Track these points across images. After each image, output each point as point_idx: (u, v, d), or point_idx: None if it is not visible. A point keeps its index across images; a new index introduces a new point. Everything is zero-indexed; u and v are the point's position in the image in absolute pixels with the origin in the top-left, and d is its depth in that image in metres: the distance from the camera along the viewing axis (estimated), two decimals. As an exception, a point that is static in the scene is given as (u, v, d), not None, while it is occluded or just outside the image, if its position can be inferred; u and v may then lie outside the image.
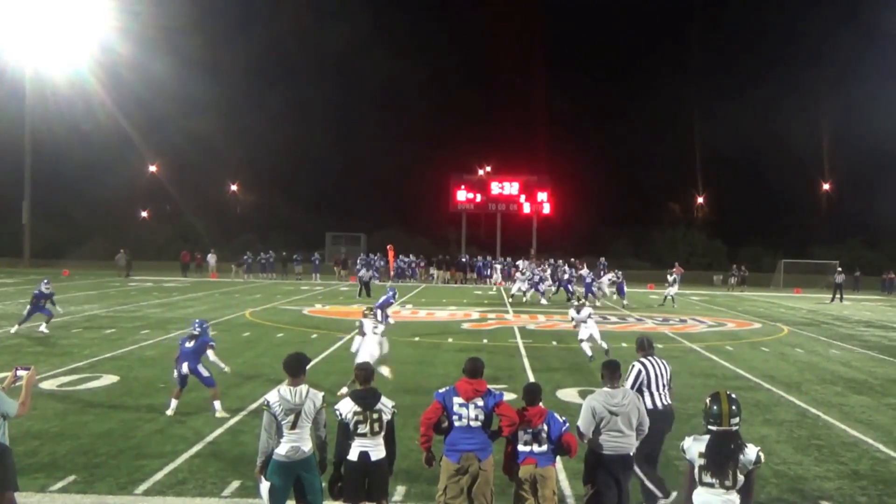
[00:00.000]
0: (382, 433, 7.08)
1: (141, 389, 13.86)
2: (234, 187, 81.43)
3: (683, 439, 5.91)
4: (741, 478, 5.58)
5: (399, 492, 8.86)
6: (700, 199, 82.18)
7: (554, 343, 21.31)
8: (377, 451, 7.04)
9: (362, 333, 14.42)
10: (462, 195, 58.17)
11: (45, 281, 22.02)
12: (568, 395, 14.12)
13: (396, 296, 25.75)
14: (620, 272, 36.33)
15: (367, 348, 14.15)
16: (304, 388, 6.97)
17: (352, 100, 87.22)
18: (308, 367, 7.21)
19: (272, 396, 6.90)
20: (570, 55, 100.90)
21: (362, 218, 70.21)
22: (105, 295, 33.98)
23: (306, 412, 6.90)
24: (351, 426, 6.98)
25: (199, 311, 27.75)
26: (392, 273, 49.26)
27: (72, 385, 14.18)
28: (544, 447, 7.22)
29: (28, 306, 21.46)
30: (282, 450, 6.85)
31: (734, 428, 5.69)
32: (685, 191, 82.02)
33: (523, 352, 19.44)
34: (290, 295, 35.66)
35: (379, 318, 16.73)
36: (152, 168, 73.96)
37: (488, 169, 62.96)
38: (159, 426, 11.39)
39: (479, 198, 58.05)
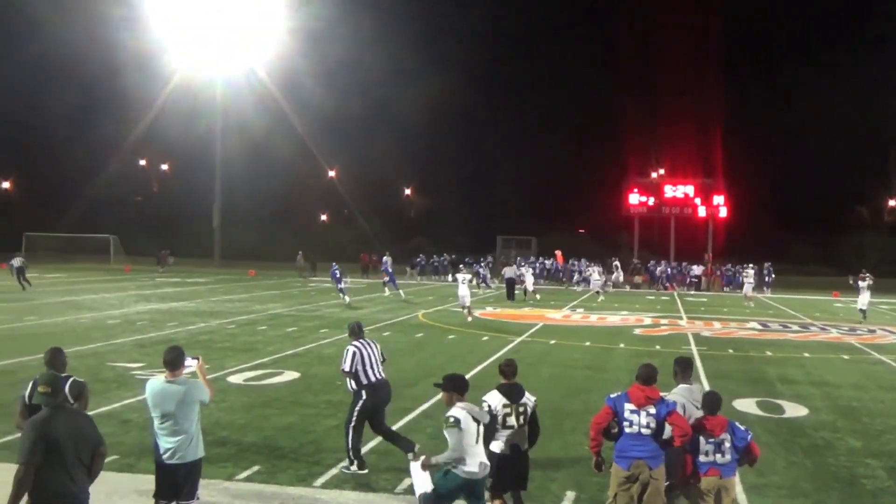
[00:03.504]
0: (527, 425, 7.54)
1: (320, 386, 14.41)
2: (408, 191, 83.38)
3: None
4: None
5: (568, 497, 8.82)
6: (893, 202, 77.19)
7: (730, 351, 20.56)
8: (524, 444, 7.57)
9: (457, 280, 23.76)
10: (634, 198, 57.07)
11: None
12: (745, 405, 13.60)
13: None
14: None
15: (461, 291, 26.47)
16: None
17: (524, 103, 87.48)
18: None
19: (461, 413, 6.93)
20: (746, 51, 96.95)
21: (534, 221, 70.25)
22: (287, 295, 35.59)
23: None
24: (500, 417, 7.35)
25: (374, 311, 28.60)
26: (563, 277, 49.05)
27: (257, 380, 14.94)
28: (727, 458, 7.04)
29: None
30: (472, 465, 6.93)
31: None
32: (875, 192, 77.27)
33: (698, 359, 18.87)
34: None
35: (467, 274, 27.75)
36: (331, 173, 76.84)
37: (661, 171, 61.53)
38: (337, 422, 11.79)
39: (652, 201, 56.77)
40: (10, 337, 19.91)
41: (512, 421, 7.40)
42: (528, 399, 7.58)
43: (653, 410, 7.01)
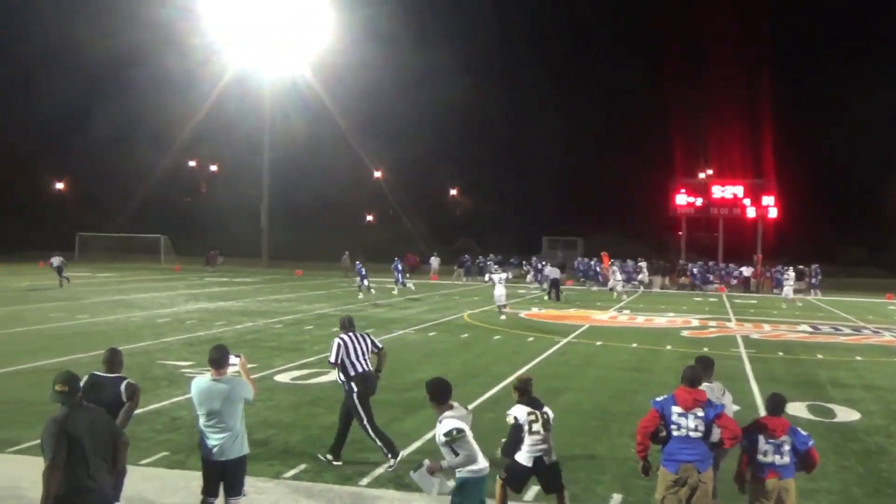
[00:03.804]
0: (551, 432, 7.80)
1: (369, 386, 14.46)
2: (453, 192, 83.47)
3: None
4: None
5: (615, 499, 8.76)
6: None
7: (780, 354, 20.26)
8: (550, 456, 7.74)
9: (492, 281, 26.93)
10: (682, 199, 56.51)
11: None
12: (796, 409, 13.37)
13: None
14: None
15: (497, 291, 27.66)
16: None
17: (570, 102, 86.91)
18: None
19: (459, 423, 6.79)
20: (799, 47, 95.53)
21: (579, 222, 69.88)
22: (333, 295, 35.83)
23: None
24: (525, 426, 7.66)
25: (419, 311, 28.68)
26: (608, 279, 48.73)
27: (303, 379, 15.07)
28: (786, 459, 6.98)
29: None
30: (482, 462, 6.79)
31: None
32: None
33: (747, 362, 18.63)
34: (507, 298, 35.96)
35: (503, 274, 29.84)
36: (377, 174, 77.22)
37: (710, 172, 60.85)
38: (382, 421, 11.78)
39: (699, 201, 56.18)
40: (62, 335, 20.31)
41: (538, 427, 7.69)
42: (548, 410, 7.94)
43: (701, 413, 6.94)
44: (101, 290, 35.49)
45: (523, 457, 7.68)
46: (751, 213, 55.22)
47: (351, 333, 10.24)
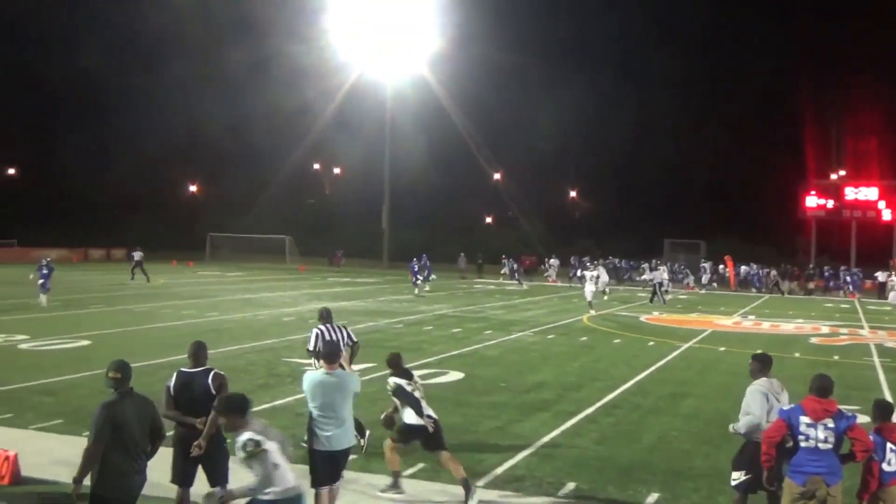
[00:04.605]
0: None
1: (483, 387, 14.54)
2: (573, 194, 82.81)
3: None
4: None
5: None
6: None
7: (918, 364, 19.28)
8: (432, 415, 8.78)
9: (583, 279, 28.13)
10: (812, 201, 54.44)
11: None
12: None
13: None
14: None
15: (587, 288, 29.93)
16: None
17: (691, 102, 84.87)
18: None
19: (257, 436, 5.93)
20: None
21: (702, 225, 68.12)
22: (453, 296, 36.13)
23: None
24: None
25: (538, 314, 28.60)
26: (734, 284, 47.53)
27: (422, 379, 15.18)
28: None
29: None
30: (288, 481, 6.06)
31: None
32: None
33: (881, 371, 17.79)
34: (626, 301, 35.57)
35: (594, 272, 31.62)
36: (496, 175, 77.36)
37: (842, 173, 58.39)
38: (500, 423, 11.90)
39: (830, 204, 54.00)
40: (194, 332, 21.10)
41: (418, 395, 8.70)
42: (418, 380, 9.03)
43: (831, 424, 6.68)
44: (230, 288, 36.83)
45: (412, 418, 8.54)
46: (886, 215, 52.72)
47: (329, 324, 10.93)
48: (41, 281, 27.11)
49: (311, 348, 10.76)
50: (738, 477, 7.55)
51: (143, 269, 39.14)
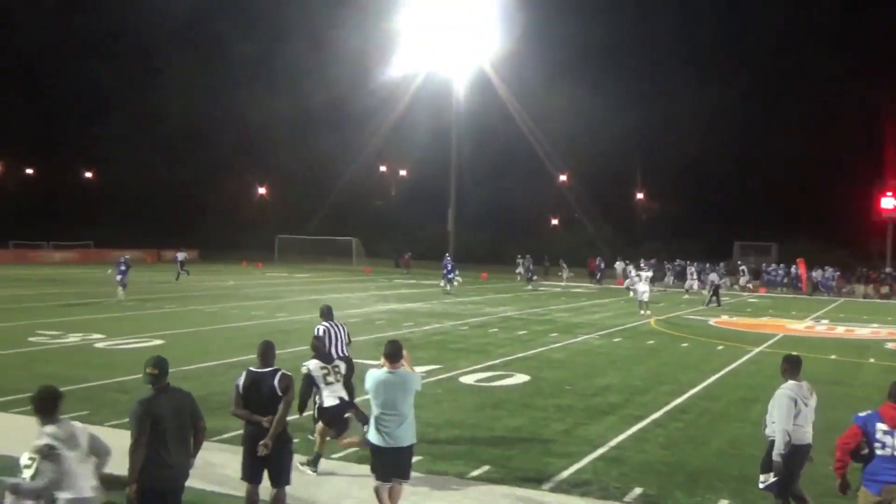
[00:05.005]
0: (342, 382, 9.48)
1: (549, 390, 14.48)
2: (640, 195, 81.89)
3: None
4: None
5: (810, 519, 8.34)
6: None
7: None
8: (346, 395, 9.47)
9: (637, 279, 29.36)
10: (888, 202, 52.97)
11: None
12: None
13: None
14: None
15: (640, 289, 29.35)
16: None
17: (765, 102, 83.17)
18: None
19: (52, 440, 5.58)
20: None
21: (773, 226, 66.74)
22: (518, 298, 36.03)
23: None
24: (319, 378, 9.20)
25: (604, 317, 28.35)
26: (805, 287, 46.49)
27: (487, 381, 15.24)
28: None
29: None
30: (76, 491, 5.71)
31: None
32: None
33: (962, 379, 17.20)
34: (694, 304, 35.02)
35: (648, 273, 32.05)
36: (562, 177, 76.91)
37: (920, 173, 56.61)
38: (566, 426, 11.83)
39: (907, 205, 52.45)
40: (263, 333, 21.44)
41: (332, 379, 9.16)
42: (339, 364, 9.51)
43: (909, 432, 6.50)
44: (298, 290, 37.30)
45: (329, 400, 9.07)
46: (967, 217, 51.02)
47: (332, 322, 11.21)
48: (119, 277, 29.22)
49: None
50: (765, 479, 7.54)
51: (183, 267, 41.12)
